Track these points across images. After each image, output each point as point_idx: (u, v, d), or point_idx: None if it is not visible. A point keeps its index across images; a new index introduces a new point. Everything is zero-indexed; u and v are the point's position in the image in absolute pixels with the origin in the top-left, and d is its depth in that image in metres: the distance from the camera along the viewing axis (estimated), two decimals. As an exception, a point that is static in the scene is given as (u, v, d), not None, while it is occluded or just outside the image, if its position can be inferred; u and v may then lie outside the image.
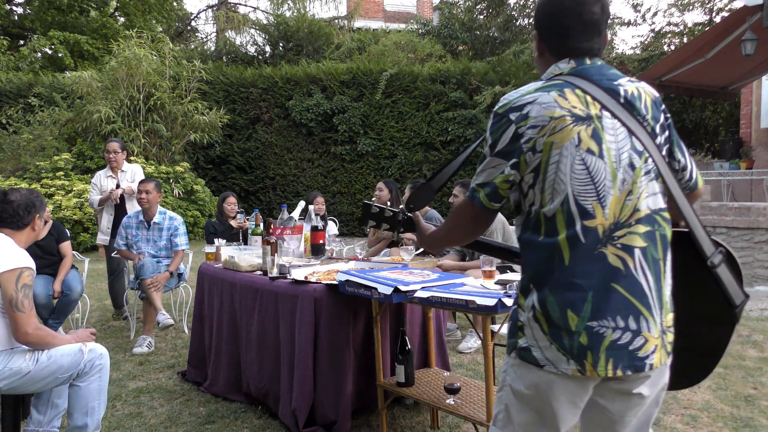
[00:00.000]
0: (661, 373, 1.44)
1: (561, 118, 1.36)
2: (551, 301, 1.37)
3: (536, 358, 1.39)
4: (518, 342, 1.43)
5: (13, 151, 11.49)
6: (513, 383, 1.46)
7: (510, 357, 1.47)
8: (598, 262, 1.35)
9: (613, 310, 1.34)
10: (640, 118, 1.42)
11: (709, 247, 1.48)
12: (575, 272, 1.35)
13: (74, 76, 11.89)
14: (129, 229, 4.92)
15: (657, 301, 1.38)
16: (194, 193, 11.44)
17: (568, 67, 1.46)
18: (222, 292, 3.57)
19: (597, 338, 1.34)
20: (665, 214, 1.43)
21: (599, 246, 1.35)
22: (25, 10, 19.50)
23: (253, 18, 19.60)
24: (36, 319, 2.52)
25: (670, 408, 3.25)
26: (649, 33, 14.17)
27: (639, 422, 1.48)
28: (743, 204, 7.57)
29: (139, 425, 3.14)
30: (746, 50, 7.75)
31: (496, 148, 1.42)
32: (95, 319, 5.56)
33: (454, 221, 1.59)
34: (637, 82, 1.48)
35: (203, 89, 12.71)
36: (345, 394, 2.92)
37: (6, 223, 2.67)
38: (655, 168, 1.41)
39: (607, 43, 1.53)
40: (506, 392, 1.48)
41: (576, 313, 1.34)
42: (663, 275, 1.41)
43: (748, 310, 5.73)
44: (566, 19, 1.46)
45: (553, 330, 1.37)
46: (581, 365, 1.35)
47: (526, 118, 1.38)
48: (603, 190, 1.36)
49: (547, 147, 1.36)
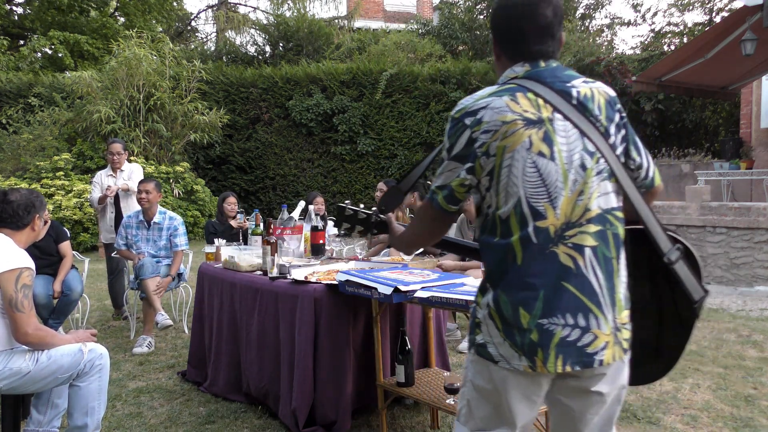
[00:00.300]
0: (619, 370, 1.47)
1: (512, 122, 1.39)
2: (504, 300, 1.41)
3: (491, 354, 1.45)
4: (476, 338, 1.49)
5: (13, 151, 11.49)
6: (473, 379, 1.52)
7: (469, 353, 1.53)
8: (549, 262, 1.39)
9: (563, 308, 1.38)
10: (593, 118, 1.44)
11: (665, 244, 1.51)
12: (528, 272, 1.39)
13: (74, 76, 11.89)
14: (129, 228, 4.93)
15: (609, 299, 1.41)
16: (194, 193, 11.44)
17: (523, 70, 1.49)
18: (222, 292, 3.57)
19: (547, 335, 1.38)
20: (618, 213, 1.46)
21: (551, 245, 1.39)
22: (25, 10, 19.51)
23: (253, 18, 19.62)
24: (36, 320, 2.52)
25: (670, 408, 3.25)
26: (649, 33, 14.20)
27: (602, 420, 1.51)
28: (743, 204, 7.56)
29: (139, 425, 3.14)
30: (746, 50, 7.75)
31: (452, 151, 1.46)
32: (95, 319, 5.56)
33: (418, 223, 1.64)
34: (592, 83, 1.51)
35: (203, 89, 12.71)
36: (345, 394, 2.92)
37: (6, 223, 2.67)
38: (608, 168, 1.44)
39: (562, 45, 1.55)
40: (468, 388, 1.54)
41: (528, 311, 1.39)
42: (616, 273, 1.44)
43: (749, 310, 5.73)
44: (520, 24, 1.49)
45: (506, 327, 1.41)
46: (532, 362, 1.40)
47: (480, 122, 1.41)
48: (554, 191, 1.39)
49: (500, 151, 1.40)
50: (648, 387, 3.57)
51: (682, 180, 10.13)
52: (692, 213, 7.78)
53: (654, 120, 11.79)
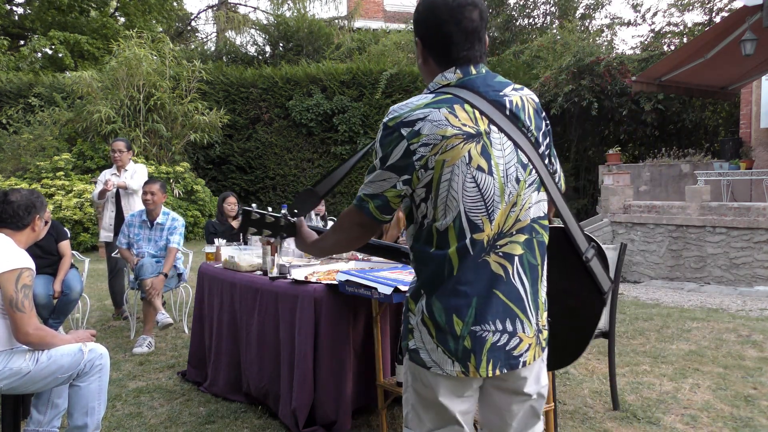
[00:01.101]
0: (540, 369, 1.56)
1: (453, 137, 1.38)
2: (438, 307, 1.43)
3: (424, 360, 1.47)
4: (408, 344, 1.51)
5: (13, 151, 11.50)
6: (413, 383, 1.53)
7: (405, 359, 1.55)
8: (482, 270, 1.42)
9: (493, 314, 1.43)
10: (525, 129, 1.47)
11: (583, 243, 1.65)
12: (461, 280, 1.42)
13: (74, 76, 11.90)
14: (132, 227, 4.94)
15: (533, 303, 1.48)
16: (194, 193, 11.45)
17: (455, 77, 1.46)
18: (222, 292, 3.57)
19: (480, 341, 1.42)
20: (544, 221, 1.52)
21: (483, 255, 1.42)
22: (25, 10, 19.52)
23: (253, 18, 19.63)
24: (36, 320, 2.52)
25: (670, 408, 3.25)
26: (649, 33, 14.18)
27: (527, 414, 1.57)
28: (743, 204, 7.57)
29: (139, 425, 3.14)
30: (746, 50, 7.75)
31: (387, 161, 1.42)
32: (95, 319, 5.56)
33: (342, 229, 1.58)
34: (521, 90, 1.52)
35: (203, 89, 12.71)
36: (345, 394, 2.92)
37: (6, 223, 2.67)
38: (539, 178, 1.49)
39: (487, 48, 1.55)
40: (410, 393, 1.55)
41: (461, 319, 1.42)
42: (540, 279, 1.51)
43: (748, 310, 5.74)
44: (448, 28, 1.45)
45: (439, 334, 1.44)
46: (465, 367, 1.43)
47: (418, 135, 1.38)
48: (491, 205, 1.42)
49: (439, 165, 1.39)
50: (648, 387, 3.57)
51: (681, 180, 10.13)
52: (692, 213, 7.79)
53: (654, 120, 11.79)
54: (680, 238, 7.87)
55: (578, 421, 3.09)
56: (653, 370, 3.87)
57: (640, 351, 4.32)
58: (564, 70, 11.23)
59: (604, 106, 11.51)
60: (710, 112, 12.63)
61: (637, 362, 4.05)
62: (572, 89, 11.20)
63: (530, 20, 16.16)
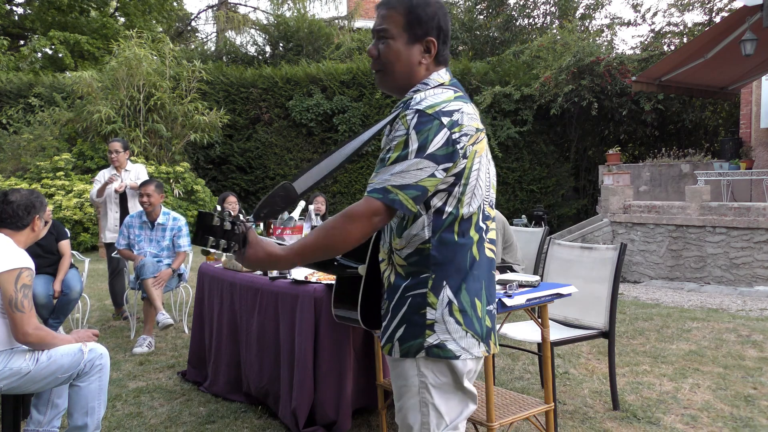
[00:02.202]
0: None
1: (481, 131, 1.48)
2: (464, 294, 1.48)
3: (452, 351, 1.47)
4: (426, 340, 1.47)
5: (13, 151, 11.50)
6: (433, 382, 1.49)
7: (415, 359, 1.49)
8: (485, 255, 1.53)
9: (493, 295, 1.57)
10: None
11: None
12: (478, 265, 1.50)
13: (74, 76, 11.90)
14: (131, 228, 4.93)
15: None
16: (194, 193, 11.44)
17: (448, 78, 1.54)
18: (222, 292, 3.57)
19: (492, 319, 1.55)
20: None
21: (485, 241, 1.53)
22: (25, 10, 19.52)
23: (253, 18, 19.63)
24: (36, 319, 2.52)
25: (670, 408, 3.25)
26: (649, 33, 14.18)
27: None
28: (743, 204, 7.57)
29: (139, 425, 3.14)
30: (746, 50, 7.75)
31: (426, 150, 1.38)
32: (95, 319, 5.56)
33: (352, 220, 1.38)
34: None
35: (203, 89, 12.71)
36: (345, 394, 2.92)
37: (6, 223, 2.67)
38: None
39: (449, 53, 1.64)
40: (424, 395, 1.50)
41: (481, 301, 1.50)
42: None
43: (748, 310, 5.73)
44: (449, 26, 1.53)
45: (467, 320, 1.48)
46: (488, 345, 1.53)
47: (459, 125, 1.42)
48: (492, 195, 1.56)
49: (472, 155, 1.46)
50: (648, 387, 3.57)
51: (681, 180, 10.13)
52: (692, 213, 7.78)
53: (654, 120, 11.79)
54: (680, 238, 7.87)
55: (578, 421, 3.09)
56: (653, 370, 3.87)
57: (640, 351, 4.32)
58: (564, 70, 11.23)
59: (604, 106, 11.51)
60: (710, 112, 12.62)
61: (637, 362, 4.05)
62: (572, 89, 11.20)
63: (530, 20, 16.15)
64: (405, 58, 1.51)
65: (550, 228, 10.47)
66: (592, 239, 8.72)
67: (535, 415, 2.58)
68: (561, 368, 3.91)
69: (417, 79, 1.53)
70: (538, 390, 3.52)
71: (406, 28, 1.50)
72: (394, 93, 1.59)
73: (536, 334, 2.98)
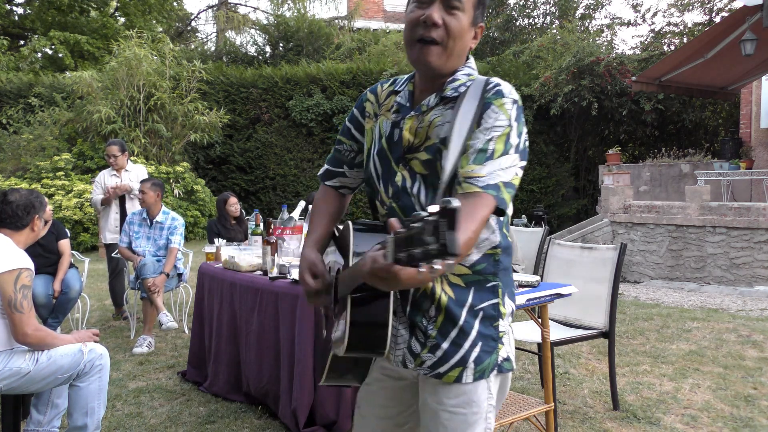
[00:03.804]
0: None
1: None
2: (513, 298, 1.40)
3: (512, 363, 1.37)
4: (499, 355, 1.34)
5: (13, 151, 11.50)
6: (494, 402, 1.37)
7: (487, 380, 1.33)
8: None
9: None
10: None
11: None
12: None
13: (74, 76, 11.90)
14: (132, 225, 4.95)
15: None
16: (194, 193, 11.44)
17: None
18: (222, 292, 3.57)
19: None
20: None
21: None
22: (25, 10, 19.52)
23: (253, 18, 19.65)
24: (35, 320, 2.52)
25: (670, 408, 3.25)
26: (649, 33, 14.18)
27: None
28: (743, 204, 7.56)
29: (139, 425, 3.14)
30: (746, 50, 7.75)
31: (520, 146, 1.28)
32: (95, 319, 5.56)
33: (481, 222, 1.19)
34: None
35: (203, 89, 12.71)
36: (345, 394, 2.92)
37: (5, 223, 2.67)
38: None
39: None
40: (489, 420, 1.35)
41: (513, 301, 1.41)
42: None
43: (748, 310, 5.73)
44: None
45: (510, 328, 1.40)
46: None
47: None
48: None
49: None
50: (648, 387, 3.57)
51: (681, 180, 10.13)
52: (692, 213, 7.78)
53: (654, 120, 11.79)
54: (680, 238, 7.87)
55: (578, 421, 3.08)
56: (653, 370, 3.87)
57: (640, 351, 4.32)
58: (564, 70, 11.23)
59: (604, 106, 11.51)
60: (710, 112, 12.62)
61: (637, 362, 4.05)
62: (572, 89, 11.20)
63: (530, 20, 16.15)
64: (466, 37, 1.33)
65: (550, 228, 10.47)
66: (592, 239, 8.72)
67: (535, 415, 2.58)
68: (561, 368, 3.91)
69: (461, 63, 1.36)
70: (538, 390, 3.52)
71: (476, 6, 1.33)
72: (433, 73, 1.33)
73: (536, 334, 2.98)
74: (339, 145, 1.56)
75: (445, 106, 1.33)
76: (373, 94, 1.51)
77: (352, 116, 1.54)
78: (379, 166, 1.41)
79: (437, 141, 1.29)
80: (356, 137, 1.52)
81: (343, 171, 1.56)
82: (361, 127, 1.51)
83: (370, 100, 1.50)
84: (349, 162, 1.55)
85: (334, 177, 1.58)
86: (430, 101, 1.34)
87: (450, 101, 1.33)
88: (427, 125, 1.32)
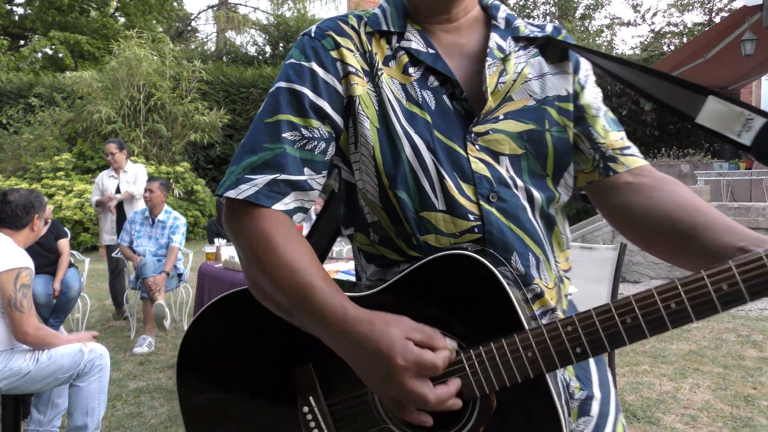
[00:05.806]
0: None
1: None
2: None
3: None
4: None
5: (13, 152, 11.51)
6: None
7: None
8: None
9: None
10: None
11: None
12: None
13: (74, 77, 11.92)
14: (134, 224, 4.96)
15: None
16: (194, 193, 11.45)
17: None
18: (222, 292, 3.56)
19: None
20: None
21: None
22: (25, 11, 19.53)
23: (254, 18, 19.68)
24: (36, 319, 2.52)
25: (670, 408, 3.25)
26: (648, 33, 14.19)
27: None
28: (743, 204, 7.56)
29: (139, 425, 3.14)
30: (746, 50, 7.75)
31: None
32: (95, 319, 5.56)
33: None
34: None
35: (203, 89, 12.72)
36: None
37: (5, 223, 2.67)
38: None
39: None
40: None
41: None
42: None
43: (748, 310, 5.73)
44: None
45: None
46: None
47: None
48: None
49: None
50: (648, 387, 3.57)
51: (681, 180, 10.11)
52: (692, 213, 7.78)
53: (654, 120, 11.80)
54: (680, 238, 7.86)
55: (578, 421, 3.08)
56: (653, 370, 3.87)
57: (640, 351, 4.32)
58: (564, 70, 11.23)
59: (604, 106, 11.51)
60: (710, 112, 12.61)
61: (637, 362, 4.05)
62: (572, 89, 11.20)
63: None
64: None
65: (550, 228, 10.45)
66: (592, 239, 8.73)
67: (534, 415, 2.58)
68: (561, 368, 3.90)
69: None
70: (538, 390, 3.51)
71: None
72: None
73: (536, 334, 2.97)
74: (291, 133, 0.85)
75: (526, 50, 0.94)
76: (345, 35, 0.90)
77: (311, 78, 0.87)
78: (426, 153, 0.86)
79: (537, 102, 0.90)
80: (329, 114, 0.87)
81: (304, 180, 0.86)
82: (337, 95, 0.88)
83: (348, 47, 0.89)
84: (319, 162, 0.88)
85: (283, 194, 0.85)
86: (504, 45, 0.91)
87: (529, 43, 0.94)
88: (512, 80, 0.90)
